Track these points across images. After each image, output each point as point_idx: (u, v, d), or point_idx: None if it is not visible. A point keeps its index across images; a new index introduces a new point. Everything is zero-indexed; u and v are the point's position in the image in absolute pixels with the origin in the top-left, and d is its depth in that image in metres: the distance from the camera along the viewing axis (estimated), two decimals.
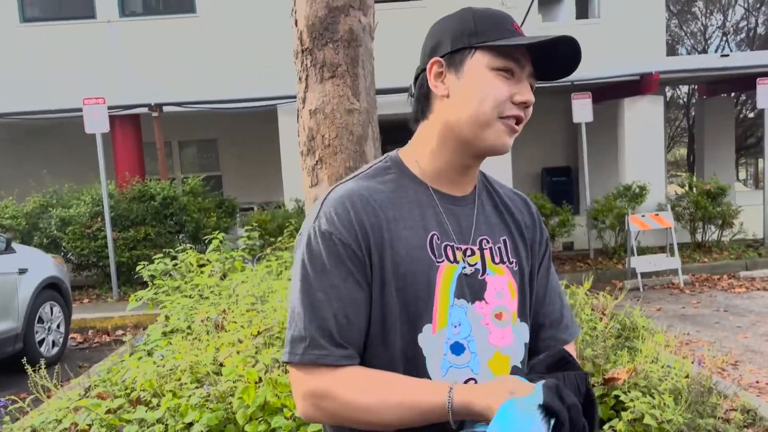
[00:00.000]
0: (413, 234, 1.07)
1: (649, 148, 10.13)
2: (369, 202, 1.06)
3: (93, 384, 3.31)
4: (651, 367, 3.06)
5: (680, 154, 28.41)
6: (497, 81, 1.07)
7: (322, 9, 2.80)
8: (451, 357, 1.06)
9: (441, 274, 1.07)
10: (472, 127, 1.08)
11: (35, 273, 5.85)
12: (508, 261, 1.15)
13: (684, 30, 21.60)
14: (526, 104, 1.09)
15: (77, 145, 10.51)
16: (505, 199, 1.22)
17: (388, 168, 1.14)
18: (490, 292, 1.11)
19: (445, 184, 1.14)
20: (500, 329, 1.10)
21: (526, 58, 1.08)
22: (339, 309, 1.03)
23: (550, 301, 1.22)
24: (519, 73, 1.08)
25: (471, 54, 1.08)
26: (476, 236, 1.13)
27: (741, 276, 8.66)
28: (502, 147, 1.10)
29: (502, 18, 1.11)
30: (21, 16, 10.36)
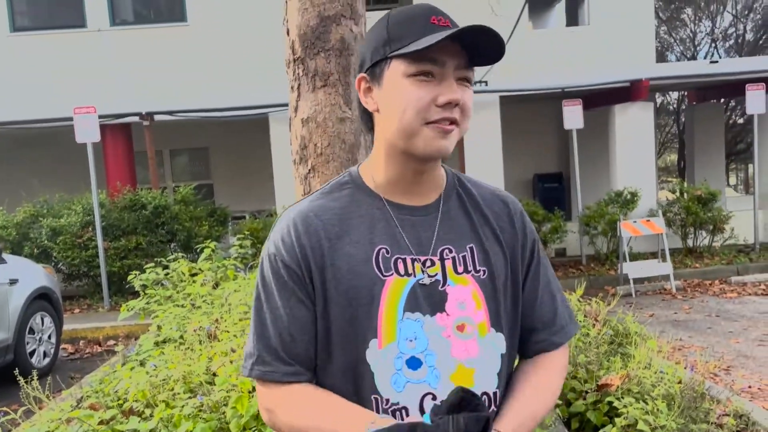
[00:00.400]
0: (358, 249, 1.06)
1: (639, 155, 10.19)
2: (313, 222, 1.08)
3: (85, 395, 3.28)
4: (644, 372, 3.06)
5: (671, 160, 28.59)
6: (414, 88, 1.02)
7: (314, 18, 2.81)
8: (408, 372, 1.04)
9: (387, 289, 1.05)
10: (402, 138, 1.05)
11: (26, 283, 5.81)
12: (474, 270, 1.10)
13: (673, 37, 21.79)
14: (451, 104, 1.03)
15: (68, 154, 10.48)
16: (479, 203, 1.17)
17: (345, 183, 1.14)
18: (451, 303, 1.07)
19: (401, 196, 1.11)
20: (463, 341, 1.07)
21: (448, 53, 1.02)
22: (283, 328, 1.07)
23: (540, 304, 1.18)
24: (440, 72, 1.03)
25: (388, 64, 1.05)
26: (437, 246, 1.09)
27: (732, 281, 8.70)
28: (436, 152, 1.05)
29: (417, 16, 1.05)
30: (11, 25, 10.33)
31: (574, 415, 2.95)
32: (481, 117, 10.00)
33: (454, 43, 1.02)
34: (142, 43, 10.25)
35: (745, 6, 20.18)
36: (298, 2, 2.84)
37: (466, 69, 1.05)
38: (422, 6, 1.07)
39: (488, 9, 7.67)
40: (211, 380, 2.86)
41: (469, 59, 1.05)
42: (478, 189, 1.19)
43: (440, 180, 1.15)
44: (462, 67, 1.04)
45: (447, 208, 1.13)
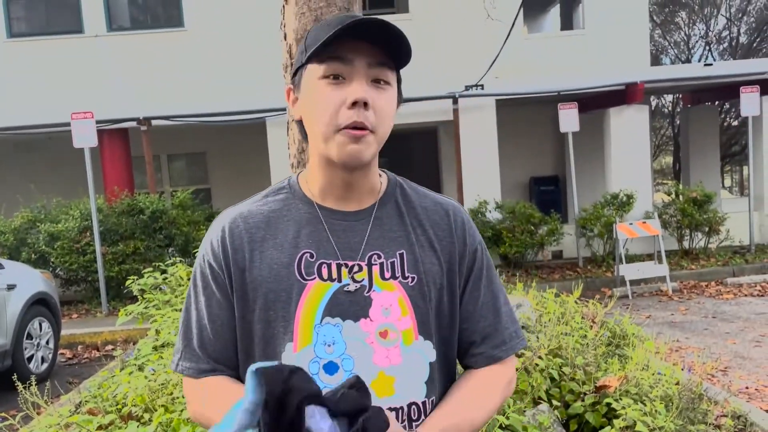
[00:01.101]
0: (281, 253, 1.07)
1: (635, 157, 10.23)
2: (240, 224, 1.11)
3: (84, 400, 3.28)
4: (642, 374, 3.08)
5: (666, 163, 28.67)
6: (326, 90, 1.02)
7: (311, 22, 2.82)
8: (324, 377, 1.03)
9: (308, 293, 1.05)
10: (320, 145, 1.05)
11: (24, 289, 5.80)
12: (401, 276, 1.08)
13: (667, 40, 21.89)
14: (358, 103, 0.99)
15: (65, 159, 10.47)
16: (417, 210, 1.14)
17: (281, 189, 1.16)
18: (375, 309, 1.05)
19: (334, 202, 1.11)
20: (385, 348, 1.05)
21: (357, 52, 1.00)
22: (204, 327, 1.10)
23: (480, 317, 1.15)
24: (350, 71, 1.01)
25: (304, 71, 1.06)
26: (366, 251, 1.07)
27: (728, 282, 8.74)
28: (349, 159, 1.02)
29: (333, 22, 1.02)
30: (8, 31, 10.33)
31: (572, 417, 2.96)
32: (477, 120, 10.04)
33: (363, 42, 1.00)
34: (140, 49, 10.25)
35: (739, 9, 20.29)
36: (295, 6, 2.85)
37: (379, 67, 1.02)
38: (342, 15, 1.06)
39: (484, 13, 7.70)
40: None
41: (385, 58, 1.02)
42: (420, 198, 1.16)
43: (375, 186, 1.13)
44: (375, 66, 1.02)
45: (381, 214, 1.11)
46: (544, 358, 3.09)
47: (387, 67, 1.04)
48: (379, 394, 1.04)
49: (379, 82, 1.03)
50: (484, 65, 9.49)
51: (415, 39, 1.13)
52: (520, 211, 9.51)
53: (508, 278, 7.77)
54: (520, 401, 2.83)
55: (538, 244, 9.52)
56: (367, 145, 1.02)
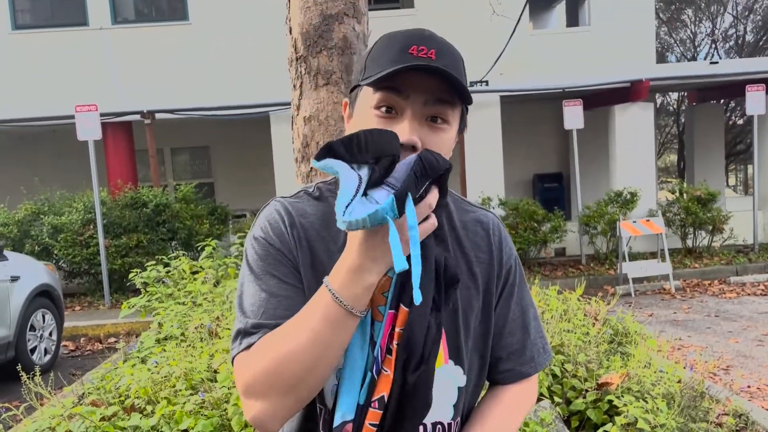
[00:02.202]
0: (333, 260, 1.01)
1: (639, 155, 10.21)
2: (303, 216, 1.06)
3: (87, 391, 3.29)
4: (644, 371, 3.08)
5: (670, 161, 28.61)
6: (373, 121, 0.98)
7: (317, 17, 2.82)
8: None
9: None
10: None
11: (27, 281, 5.82)
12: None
13: (673, 37, 21.80)
14: (404, 146, 0.93)
15: (69, 152, 10.49)
16: (458, 231, 1.12)
17: (317, 197, 1.10)
18: None
19: None
20: None
21: (415, 86, 0.95)
22: (270, 307, 1.00)
23: (509, 333, 1.15)
24: (402, 106, 0.96)
25: (359, 91, 1.03)
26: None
27: (731, 281, 8.72)
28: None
29: (395, 44, 0.98)
30: (13, 23, 10.34)
31: (574, 414, 2.96)
32: (482, 117, 10.01)
33: (427, 76, 0.95)
34: (144, 42, 10.26)
35: (746, 7, 20.20)
36: (300, 1, 2.85)
37: (438, 104, 0.97)
38: (410, 33, 1.00)
39: (489, 9, 7.67)
40: (213, 377, 2.87)
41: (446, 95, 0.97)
42: (461, 215, 1.14)
43: None
44: (432, 103, 0.97)
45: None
46: None
47: (447, 104, 0.98)
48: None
49: (436, 121, 0.98)
50: (488, 61, 9.46)
51: None
52: (523, 208, 9.50)
53: None
54: None
55: (541, 242, 9.51)
56: None
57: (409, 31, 1.01)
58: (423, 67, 0.94)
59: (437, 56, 0.96)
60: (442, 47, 0.99)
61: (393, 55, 0.96)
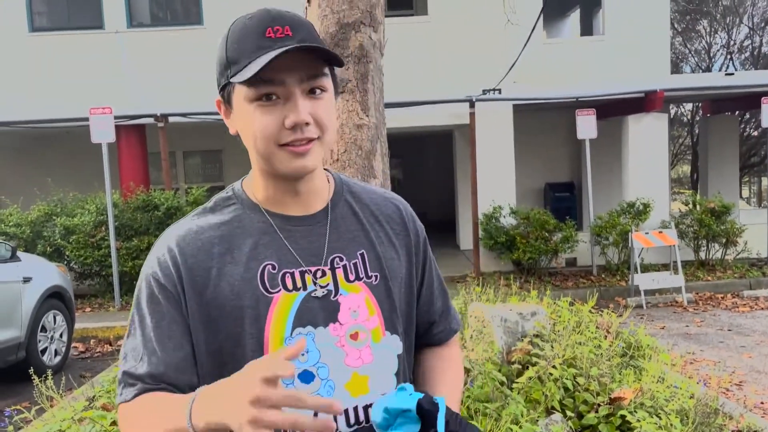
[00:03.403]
0: (240, 268, 1.02)
1: (653, 165, 10.14)
2: (191, 243, 1.04)
3: (97, 394, 3.30)
4: (657, 387, 3.04)
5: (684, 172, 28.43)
6: (258, 114, 0.98)
7: (333, 25, 2.82)
8: (300, 386, 1.01)
9: (275, 306, 1.02)
10: (263, 161, 1.03)
11: (39, 282, 5.85)
12: (365, 276, 1.09)
13: (688, 48, 21.69)
14: (298, 125, 0.97)
15: (83, 154, 10.56)
16: (369, 206, 1.15)
17: (229, 198, 1.10)
18: (343, 312, 1.05)
19: (285, 207, 1.08)
20: (357, 349, 1.06)
21: (287, 70, 0.96)
22: (153, 350, 1.00)
23: (436, 298, 1.23)
24: (284, 91, 0.97)
25: (232, 89, 1.01)
26: (328, 255, 1.07)
27: (745, 295, 8.63)
28: (297, 172, 1.02)
29: (250, 32, 0.98)
30: (30, 25, 10.45)
31: (586, 428, 2.93)
32: (494, 125, 10.00)
33: (294, 55, 0.95)
34: (159, 45, 10.33)
35: (762, 19, 20.07)
36: (318, 9, 2.85)
37: (313, 79, 0.99)
38: (260, 16, 0.99)
39: (503, 17, 7.66)
40: None
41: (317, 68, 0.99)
42: (368, 194, 1.17)
43: (323, 188, 1.12)
44: (307, 79, 0.98)
45: (335, 215, 1.11)
46: (558, 367, 3.06)
47: (321, 76, 0.99)
48: (354, 393, 1.05)
49: (315, 92, 0.99)
50: (502, 69, 9.45)
51: (433, 41, 1.10)
52: (534, 217, 9.45)
53: (521, 285, 7.73)
54: (533, 410, 2.80)
55: (552, 251, 9.46)
56: (312, 155, 1.01)
57: (257, 14, 1.00)
58: (289, 51, 0.94)
59: (293, 31, 0.98)
60: (293, 21, 0.99)
61: (253, 44, 0.97)
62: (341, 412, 1.00)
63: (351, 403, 1.05)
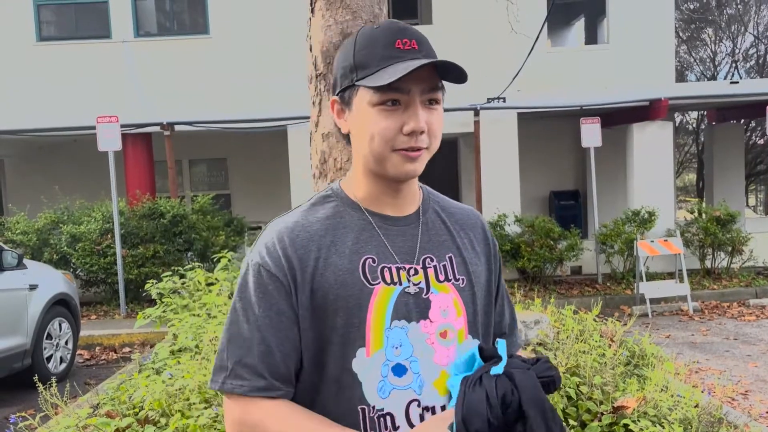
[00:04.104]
0: (344, 260, 1.08)
1: (658, 174, 10.12)
2: (300, 234, 1.09)
3: (101, 402, 3.31)
4: (661, 396, 3.03)
5: (689, 180, 28.34)
6: (380, 118, 1.05)
7: (337, 35, 2.84)
8: (393, 378, 1.06)
9: (375, 297, 1.07)
10: (373, 162, 1.09)
11: (45, 289, 5.88)
12: (454, 278, 1.14)
13: (693, 56, 21.68)
14: (416, 132, 1.05)
15: (89, 162, 10.63)
16: (455, 215, 1.22)
17: (328, 197, 1.16)
18: (434, 310, 1.10)
19: (383, 207, 1.14)
20: (445, 348, 1.10)
21: (413, 80, 1.03)
22: (261, 340, 1.05)
23: (506, 311, 1.27)
24: (406, 99, 1.05)
25: (355, 92, 1.08)
26: (420, 255, 1.13)
27: (751, 304, 8.59)
28: (405, 175, 1.09)
29: (381, 40, 1.06)
30: (38, 35, 10.54)
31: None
32: (498, 133, 10.01)
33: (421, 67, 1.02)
34: (165, 55, 10.40)
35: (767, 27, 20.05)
36: (321, 19, 2.88)
37: (432, 91, 1.07)
38: (388, 27, 1.08)
39: (507, 26, 7.69)
40: None
41: (438, 82, 1.07)
42: (451, 204, 1.25)
43: (416, 193, 1.19)
44: (428, 91, 1.06)
45: (426, 219, 1.17)
46: (561, 376, 3.06)
47: (439, 88, 1.07)
48: (442, 392, 1.09)
49: (432, 103, 1.07)
50: (506, 78, 9.46)
51: (437, 50, 1.13)
52: (539, 225, 9.45)
53: (526, 293, 7.71)
54: None
55: (557, 259, 9.44)
56: (421, 162, 1.09)
57: (384, 24, 1.09)
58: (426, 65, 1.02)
59: (418, 45, 1.07)
60: (417, 35, 1.08)
61: (382, 52, 1.05)
62: None
63: (439, 401, 1.09)
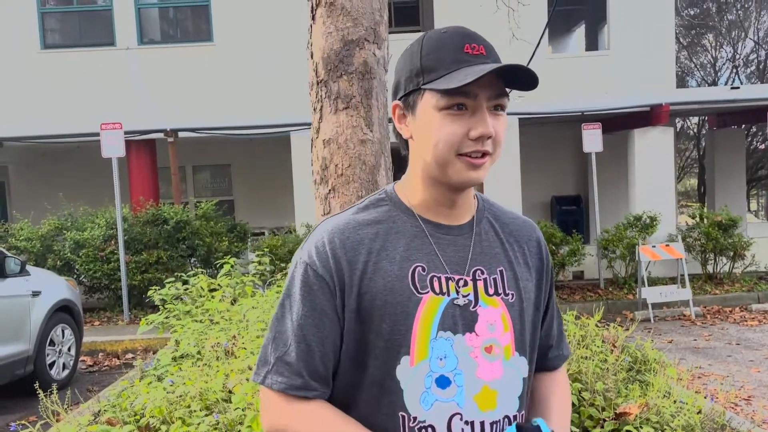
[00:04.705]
0: (395, 266, 1.07)
1: (659, 179, 10.12)
2: (351, 236, 1.08)
3: (102, 409, 3.32)
4: (663, 402, 3.03)
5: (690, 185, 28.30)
6: (446, 122, 1.03)
7: (338, 42, 2.86)
8: (436, 390, 1.05)
9: (423, 306, 1.06)
10: (436, 168, 1.06)
11: (48, 295, 5.89)
12: (503, 293, 1.12)
13: (693, 62, 21.69)
14: (483, 137, 1.03)
15: (93, 168, 10.66)
16: (510, 226, 1.19)
17: (381, 200, 1.15)
18: (481, 324, 1.08)
19: (437, 215, 1.12)
20: (489, 363, 1.08)
21: (482, 85, 1.01)
22: (303, 338, 1.06)
23: (554, 322, 1.26)
24: (473, 104, 1.03)
25: (421, 96, 1.06)
26: (471, 267, 1.10)
27: (753, 309, 8.57)
28: (468, 182, 1.07)
29: (449, 45, 1.05)
30: (42, 42, 10.60)
31: None
32: None
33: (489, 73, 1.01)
34: (169, 62, 10.44)
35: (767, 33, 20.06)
36: (322, 26, 2.90)
37: (499, 97, 1.05)
38: (456, 32, 1.06)
39: (508, 32, 7.71)
40: (228, 398, 2.88)
41: (505, 84, 1.05)
42: (507, 215, 1.22)
43: (472, 202, 1.16)
44: (495, 97, 1.04)
45: (479, 230, 1.15)
46: None
47: (504, 94, 1.06)
48: (482, 407, 1.07)
49: (497, 109, 1.05)
50: None
51: None
52: (541, 230, 9.42)
53: None
54: None
55: (559, 265, 9.44)
56: (484, 170, 1.06)
57: (451, 29, 1.07)
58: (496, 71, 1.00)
59: (486, 51, 1.05)
60: (485, 41, 1.06)
61: (451, 56, 1.03)
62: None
63: (478, 416, 1.07)
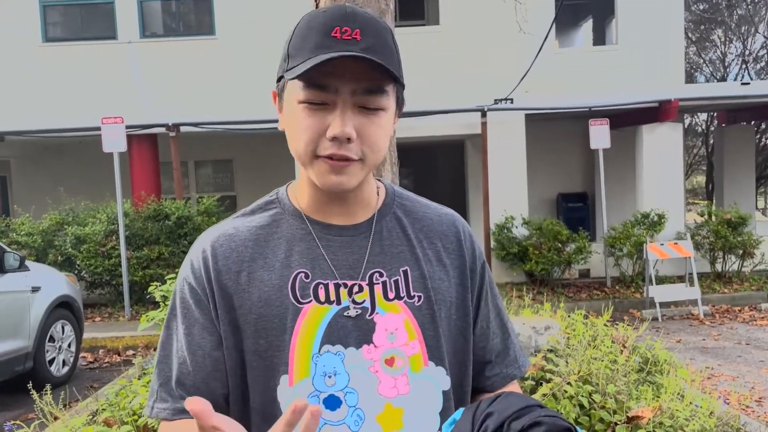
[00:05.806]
0: (273, 274, 0.96)
1: (667, 176, 10.01)
2: (224, 244, 0.98)
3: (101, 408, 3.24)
4: (677, 405, 2.94)
5: (699, 182, 28.15)
6: (304, 115, 0.90)
7: None
8: (325, 413, 0.92)
9: (304, 318, 0.94)
10: (301, 165, 0.95)
11: (48, 291, 5.83)
12: (407, 296, 0.98)
13: (702, 58, 21.52)
14: (339, 139, 0.89)
15: (94, 163, 10.60)
16: (422, 221, 1.05)
17: (270, 202, 1.05)
18: (379, 333, 0.95)
19: (327, 215, 1.00)
20: (392, 377, 0.94)
21: (341, 78, 0.88)
22: (183, 358, 0.97)
23: (493, 334, 1.08)
24: (334, 99, 0.89)
25: (285, 85, 0.94)
26: (367, 270, 0.97)
27: (763, 308, 8.46)
28: (332, 187, 0.93)
29: (316, 27, 0.90)
30: (43, 35, 10.53)
31: None
32: (506, 134, 9.92)
33: (351, 62, 0.86)
34: (171, 56, 10.36)
35: None
36: None
37: (368, 94, 0.90)
38: (333, 12, 0.90)
39: (515, 27, 7.61)
40: None
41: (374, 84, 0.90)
42: (422, 207, 1.08)
43: (371, 199, 1.03)
44: (361, 92, 0.89)
45: (380, 227, 1.01)
46: (573, 384, 2.97)
47: (378, 91, 0.90)
48: (386, 428, 0.94)
49: (368, 108, 0.91)
50: (514, 79, 9.38)
51: (444, 51, 1.03)
52: (547, 227, 9.34)
53: (534, 296, 7.62)
54: None
55: (565, 262, 9.34)
56: (351, 175, 0.93)
57: (330, 9, 0.91)
58: (335, 59, 0.85)
59: (362, 35, 0.88)
60: (365, 24, 0.89)
61: (314, 41, 0.88)
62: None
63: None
